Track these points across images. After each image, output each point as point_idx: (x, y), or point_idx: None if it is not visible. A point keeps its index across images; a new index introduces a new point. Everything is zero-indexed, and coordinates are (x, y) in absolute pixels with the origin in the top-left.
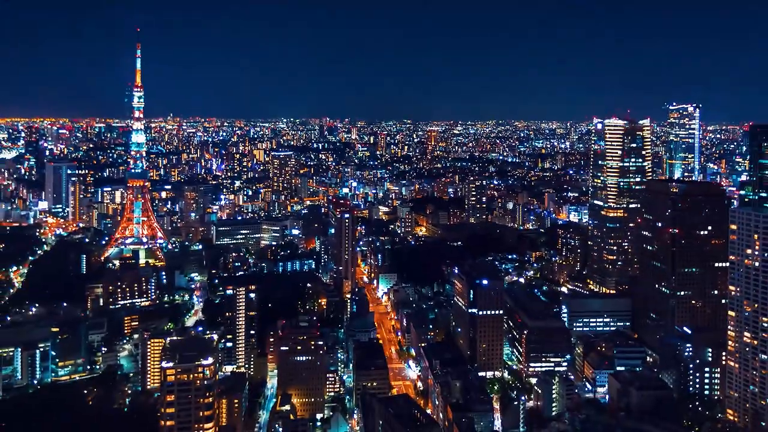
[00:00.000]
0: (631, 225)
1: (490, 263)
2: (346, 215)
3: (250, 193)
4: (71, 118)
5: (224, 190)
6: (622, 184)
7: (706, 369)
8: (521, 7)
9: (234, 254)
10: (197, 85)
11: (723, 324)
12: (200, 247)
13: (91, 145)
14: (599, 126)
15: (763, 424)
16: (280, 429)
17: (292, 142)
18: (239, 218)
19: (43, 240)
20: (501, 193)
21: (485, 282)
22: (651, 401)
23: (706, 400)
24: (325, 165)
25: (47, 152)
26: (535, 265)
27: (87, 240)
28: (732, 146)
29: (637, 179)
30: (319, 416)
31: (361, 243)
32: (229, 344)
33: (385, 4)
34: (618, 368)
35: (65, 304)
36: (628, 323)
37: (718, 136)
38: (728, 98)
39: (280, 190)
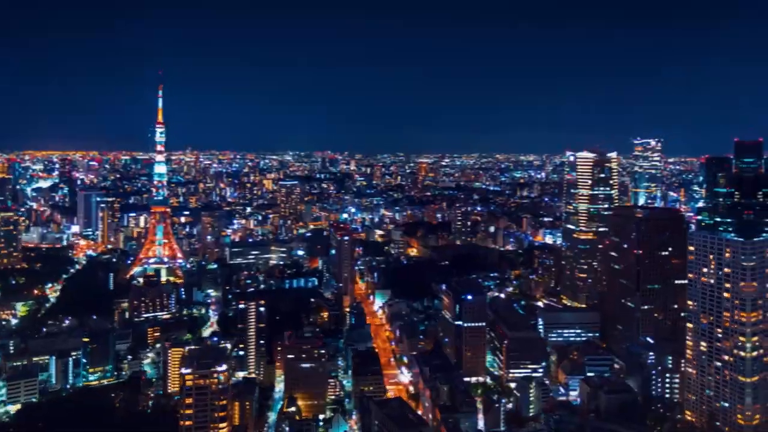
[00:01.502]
0: (600, 246)
1: (474, 280)
2: (346, 238)
3: (260, 218)
4: (100, 151)
5: (237, 215)
6: (591, 210)
7: (667, 375)
8: (505, 53)
9: (246, 272)
10: (213, 122)
11: (682, 334)
12: (216, 266)
13: (118, 176)
14: (572, 158)
15: (718, 424)
16: (287, 428)
17: (297, 173)
18: (250, 240)
19: (75, 260)
20: (484, 218)
21: (470, 297)
22: (618, 404)
23: (667, 403)
24: (327, 193)
25: (79, 182)
26: (514, 282)
27: (114, 260)
28: (690, 176)
29: (606, 206)
30: (321, 417)
31: (359, 262)
32: (241, 353)
33: (381, 52)
34: (588, 374)
35: (95, 317)
36: (597, 334)
37: (678, 167)
38: (687, 133)
39: (287, 216)
